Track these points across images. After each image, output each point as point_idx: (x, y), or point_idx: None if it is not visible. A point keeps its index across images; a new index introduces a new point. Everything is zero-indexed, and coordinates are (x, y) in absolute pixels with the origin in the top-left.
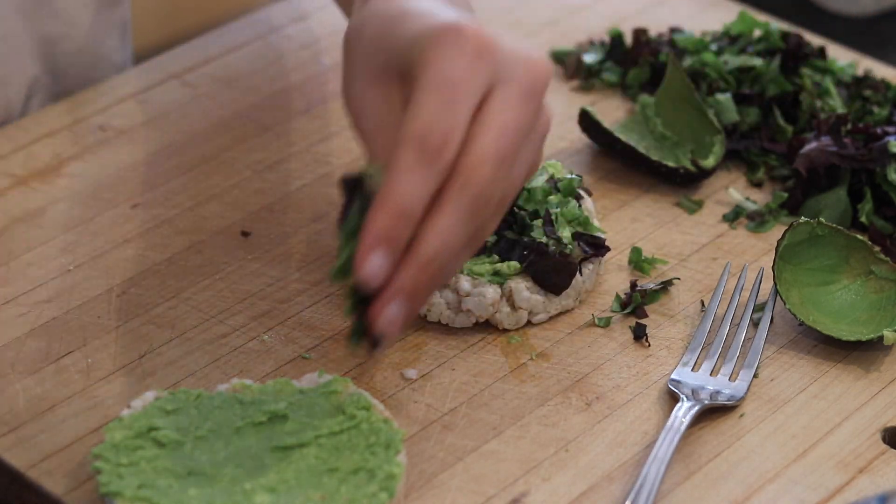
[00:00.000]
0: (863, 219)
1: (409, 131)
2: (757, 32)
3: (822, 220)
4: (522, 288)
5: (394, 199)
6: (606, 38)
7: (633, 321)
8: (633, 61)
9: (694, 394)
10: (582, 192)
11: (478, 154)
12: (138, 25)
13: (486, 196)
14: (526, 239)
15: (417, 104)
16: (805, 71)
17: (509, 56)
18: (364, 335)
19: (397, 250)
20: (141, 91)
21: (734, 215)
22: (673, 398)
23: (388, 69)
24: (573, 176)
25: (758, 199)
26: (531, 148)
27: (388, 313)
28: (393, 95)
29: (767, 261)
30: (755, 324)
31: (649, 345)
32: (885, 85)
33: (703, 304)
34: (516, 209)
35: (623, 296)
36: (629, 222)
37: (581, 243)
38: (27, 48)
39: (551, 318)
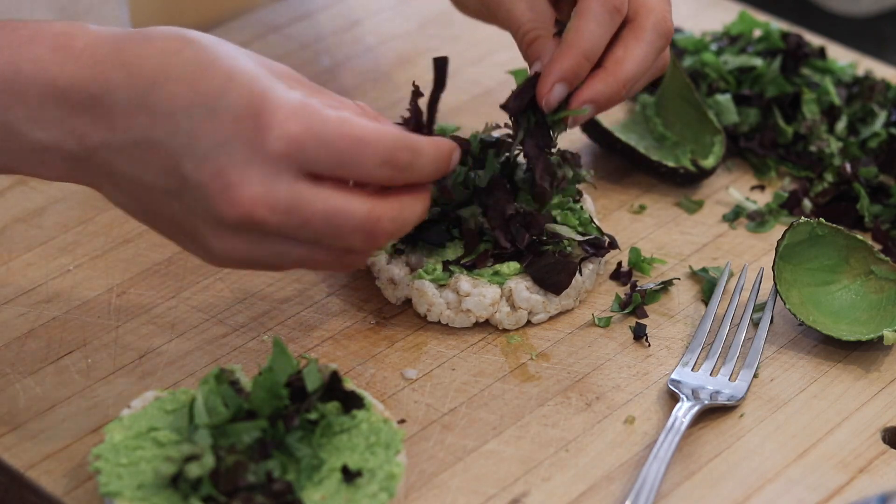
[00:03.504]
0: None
1: None
2: (757, 32)
3: (822, 220)
4: (522, 288)
5: (581, 43)
6: None
7: (633, 321)
8: None
9: (694, 394)
10: (585, 185)
11: None
12: (138, 25)
13: (669, 30)
14: None
15: None
16: (804, 71)
17: None
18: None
19: (575, 84)
20: None
21: (734, 215)
22: (673, 398)
23: None
24: (581, 170)
25: (758, 199)
26: None
27: (582, 113)
28: None
29: (767, 261)
30: (755, 324)
31: (649, 345)
32: (885, 85)
33: (703, 304)
34: (517, 209)
35: (623, 296)
36: (629, 222)
37: (581, 243)
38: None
39: (551, 318)
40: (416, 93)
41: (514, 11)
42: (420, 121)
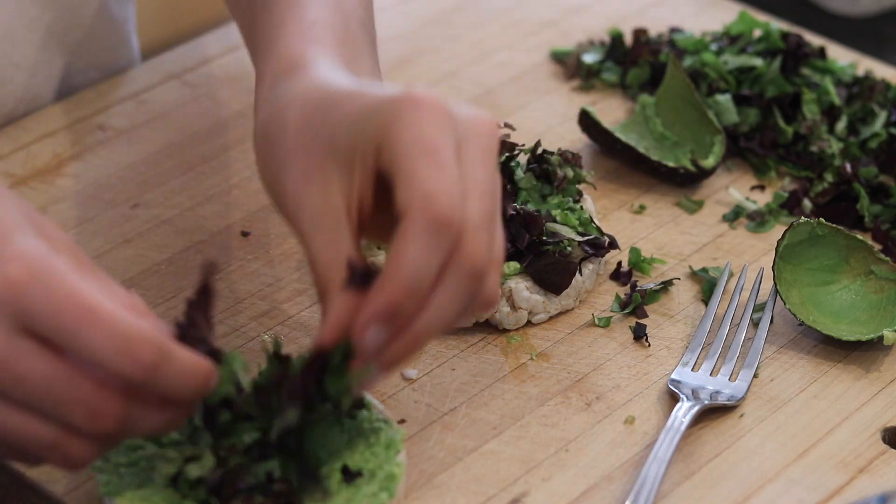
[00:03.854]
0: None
1: (414, 202)
2: (757, 32)
3: (822, 220)
4: (522, 288)
5: (405, 274)
6: (606, 38)
7: (633, 321)
8: (633, 61)
9: (694, 394)
10: (585, 185)
11: (470, 223)
12: (141, 25)
13: (481, 268)
14: None
15: (412, 174)
16: (804, 71)
17: (463, 116)
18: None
19: (398, 324)
20: (141, 91)
21: (734, 215)
22: (673, 398)
23: (327, 157)
24: (581, 170)
25: (758, 199)
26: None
27: (368, 377)
28: (332, 185)
29: (767, 261)
30: (755, 324)
31: (649, 345)
32: (885, 85)
33: (703, 304)
34: (517, 209)
35: (623, 296)
36: (629, 222)
37: (581, 243)
38: (41, 35)
39: (551, 318)
40: (204, 294)
41: (300, 215)
42: (202, 330)
